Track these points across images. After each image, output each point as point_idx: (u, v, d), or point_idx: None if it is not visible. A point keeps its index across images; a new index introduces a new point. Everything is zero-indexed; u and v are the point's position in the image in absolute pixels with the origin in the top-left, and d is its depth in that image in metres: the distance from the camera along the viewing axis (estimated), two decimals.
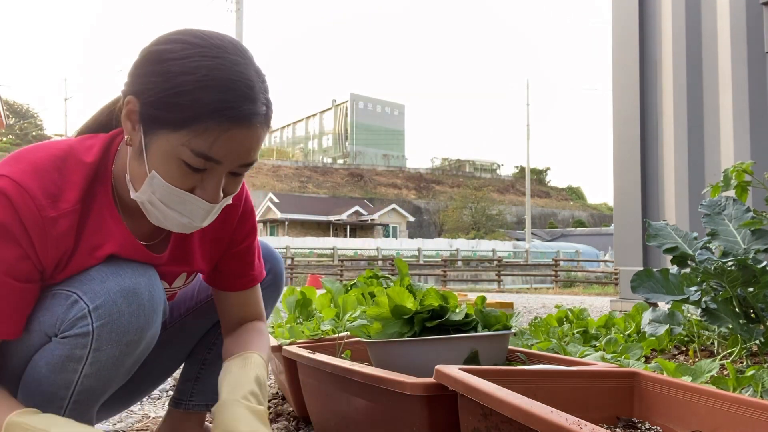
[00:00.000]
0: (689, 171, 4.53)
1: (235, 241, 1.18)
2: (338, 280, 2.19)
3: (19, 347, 0.98)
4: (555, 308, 3.41)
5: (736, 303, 2.13)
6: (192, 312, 1.35)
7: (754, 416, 0.91)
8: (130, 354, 0.99)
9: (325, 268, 22.19)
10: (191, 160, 0.89)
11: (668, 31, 4.74)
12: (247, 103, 0.89)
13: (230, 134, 0.88)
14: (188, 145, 0.88)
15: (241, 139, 0.90)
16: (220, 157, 0.90)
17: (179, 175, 0.91)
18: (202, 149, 0.89)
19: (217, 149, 0.89)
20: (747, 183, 2.43)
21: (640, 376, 1.14)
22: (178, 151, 0.89)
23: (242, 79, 0.89)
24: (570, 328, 2.81)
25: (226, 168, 0.93)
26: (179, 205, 0.94)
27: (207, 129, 0.87)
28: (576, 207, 67.60)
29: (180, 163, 0.90)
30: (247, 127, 0.90)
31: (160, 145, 0.90)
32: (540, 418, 0.76)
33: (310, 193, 51.50)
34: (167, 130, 0.89)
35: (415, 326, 1.46)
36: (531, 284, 21.79)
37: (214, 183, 0.93)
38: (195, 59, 0.87)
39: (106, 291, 0.95)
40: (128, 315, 0.96)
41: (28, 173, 0.92)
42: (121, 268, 0.99)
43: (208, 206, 0.95)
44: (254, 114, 0.90)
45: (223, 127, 0.88)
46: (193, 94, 0.86)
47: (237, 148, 0.90)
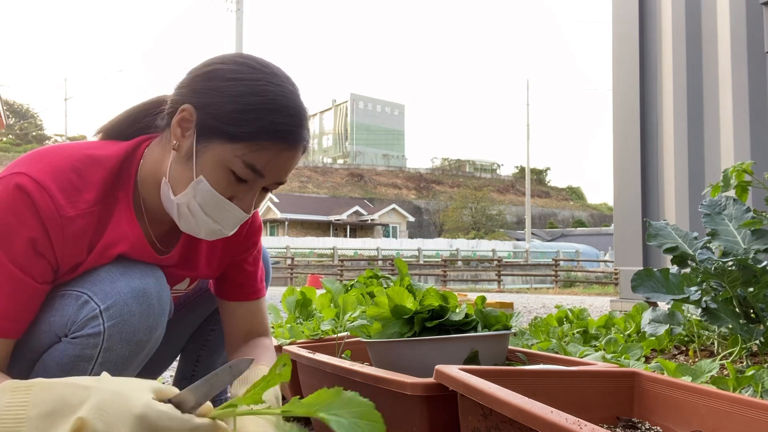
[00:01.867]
0: (689, 171, 4.53)
1: (242, 252, 1.22)
2: (338, 280, 2.19)
3: (28, 347, 0.98)
4: (555, 308, 3.41)
5: (736, 303, 2.13)
6: (183, 306, 1.36)
7: (754, 416, 0.91)
8: (138, 354, 1.01)
9: (325, 268, 22.19)
10: (241, 171, 0.97)
11: (668, 31, 4.74)
12: (300, 129, 0.99)
13: (282, 154, 0.98)
14: (242, 157, 0.96)
15: (287, 160, 1.00)
16: (265, 172, 0.99)
17: (225, 183, 0.98)
18: (254, 163, 0.97)
19: (265, 165, 0.98)
20: (747, 183, 2.43)
21: (640, 376, 1.14)
22: (230, 162, 0.96)
23: (298, 107, 1.00)
24: (570, 328, 2.81)
25: (265, 183, 1.01)
26: (216, 212, 1.00)
27: (264, 146, 0.96)
28: (576, 207, 67.62)
29: (228, 173, 0.97)
30: (295, 150, 1.00)
31: (213, 154, 0.97)
32: (540, 418, 0.76)
33: (310, 193, 51.50)
34: (224, 141, 0.96)
35: (415, 326, 1.46)
36: (531, 284, 21.79)
37: (252, 195, 1.02)
38: (262, 83, 0.96)
39: (117, 292, 0.97)
40: (138, 315, 0.98)
41: (47, 172, 0.93)
42: (130, 269, 1.01)
43: (241, 215, 1.02)
44: (303, 140, 1.01)
45: (277, 147, 0.97)
46: (258, 113, 0.95)
47: (281, 166, 1.00)
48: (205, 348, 1.41)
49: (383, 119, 73.10)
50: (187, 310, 1.38)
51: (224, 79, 0.96)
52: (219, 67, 0.98)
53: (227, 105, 0.95)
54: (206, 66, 1.00)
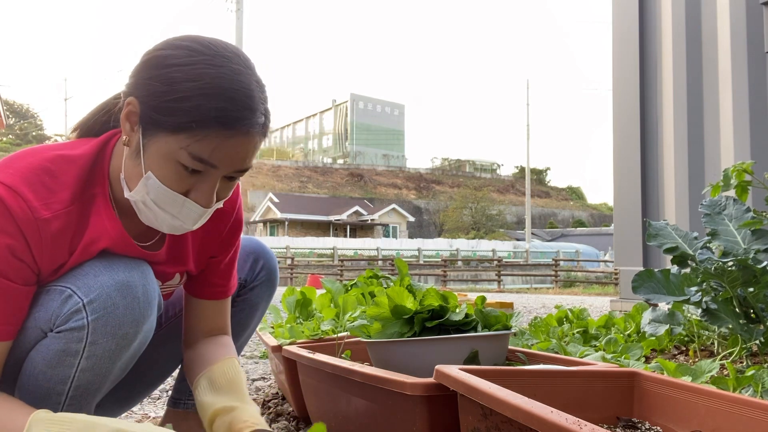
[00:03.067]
0: (689, 171, 4.53)
1: (221, 250, 1.20)
2: (338, 280, 2.19)
3: (16, 344, 0.98)
4: (555, 308, 3.41)
5: (736, 303, 2.13)
6: None
7: (754, 416, 0.91)
8: (126, 347, 1.00)
9: (325, 268, 22.19)
10: (188, 163, 0.92)
11: (668, 31, 4.74)
12: (246, 112, 0.92)
13: (228, 141, 0.91)
14: (187, 148, 0.91)
15: (238, 147, 0.93)
16: (216, 162, 0.93)
17: (175, 177, 0.94)
18: (200, 154, 0.91)
19: (214, 155, 0.92)
20: (747, 183, 2.43)
21: (640, 376, 1.14)
22: (176, 154, 0.91)
23: (243, 88, 0.92)
24: (570, 328, 2.81)
25: (221, 173, 0.95)
26: (172, 207, 0.96)
27: (206, 135, 0.90)
28: (576, 207, 67.62)
29: (177, 166, 0.93)
30: (245, 135, 0.92)
31: (158, 147, 0.92)
32: (540, 418, 0.76)
33: (310, 193, 51.50)
34: (166, 133, 0.91)
35: (415, 326, 1.46)
36: (531, 284, 21.78)
37: (209, 187, 0.96)
38: (199, 67, 0.90)
39: (100, 285, 0.96)
40: (123, 308, 0.97)
41: (17, 176, 0.92)
42: (114, 262, 1.00)
43: (200, 210, 0.97)
44: (253, 123, 0.93)
45: (222, 135, 0.90)
46: (196, 100, 0.89)
47: (234, 154, 0.93)
48: None
49: (383, 119, 73.10)
50: None
51: (162, 66, 0.91)
52: (159, 54, 0.93)
53: (165, 95, 0.90)
54: (148, 54, 0.95)
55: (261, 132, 0.95)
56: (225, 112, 0.90)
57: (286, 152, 74.25)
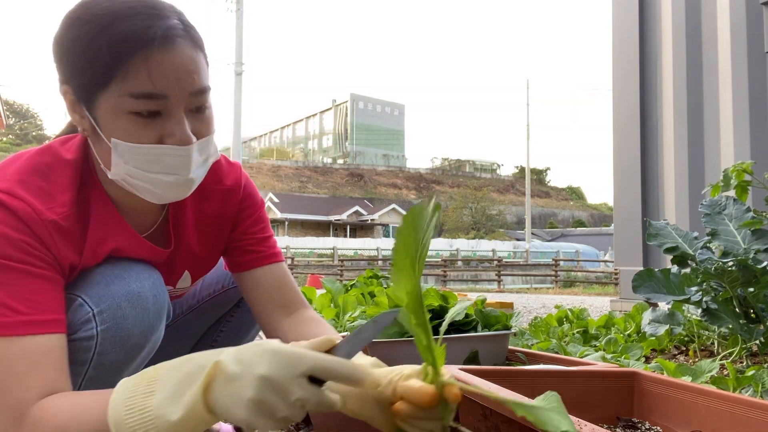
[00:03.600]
0: (689, 171, 4.53)
1: (239, 222, 1.15)
2: (338, 280, 2.19)
3: None
4: (555, 308, 3.41)
5: (736, 303, 2.13)
6: (194, 309, 1.35)
7: (754, 416, 0.91)
8: (133, 358, 0.99)
9: (325, 268, 22.19)
10: (137, 106, 0.85)
11: (668, 31, 4.74)
12: (155, 21, 0.85)
13: (155, 60, 0.84)
14: (125, 92, 0.85)
15: (170, 61, 0.86)
16: (161, 88, 0.85)
17: (136, 128, 0.87)
18: (138, 89, 0.84)
19: (152, 81, 0.85)
20: (747, 183, 2.43)
21: (640, 376, 1.14)
22: (122, 105, 0.86)
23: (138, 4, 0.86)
24: (570, 328, 2.81)
25: (177, 102, 0.88)
26: (156, 164, 0.90)
27: (130, 67, 0.84)
28: (576, 207, 67.65)
29: (130, 116, 0.86)
30: (169, 46, 0.85)
31: (104, 111, 0.87)
32: None
33: (310, 193, 51.52)
34: (100, 92, 0.86)
35: None
36: (531, 284, 21.78)
37: (176, 123, 0.89)
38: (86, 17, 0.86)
39: (111, 295, 0.94)
40: (132, 319, 0.96)
41: (15, 183, 0.89)
42: (126, 271, 0.98)
43: (184, 151, 0.90)
44: (168, 29, 0.86)
45: (143, 56, 0.84)
46: (99, 41, 0.84)
47: (172, 72, 0.86)
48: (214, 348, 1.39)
49: (383, 119, 73.13)
50: (197, 313, 1.36)
51: (63, 44, 0.88)
52: (56, 38, 0.90)
53: (78, 60, 0.86)
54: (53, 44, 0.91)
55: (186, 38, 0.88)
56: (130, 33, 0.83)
57: (286, 152, 74.29)
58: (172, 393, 0.69)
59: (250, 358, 0.68)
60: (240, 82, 16.92)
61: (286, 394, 0.66)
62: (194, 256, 1.14)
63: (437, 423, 0.73)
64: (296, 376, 0.67)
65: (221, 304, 1.36)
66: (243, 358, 0.68)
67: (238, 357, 0.68)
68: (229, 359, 0.68)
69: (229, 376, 0.67)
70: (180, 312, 1.35)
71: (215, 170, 1.11)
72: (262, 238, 1.17)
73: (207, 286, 1.35)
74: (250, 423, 0.67)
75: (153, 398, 0.70)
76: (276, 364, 0.67)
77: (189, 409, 0.68)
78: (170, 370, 0.71)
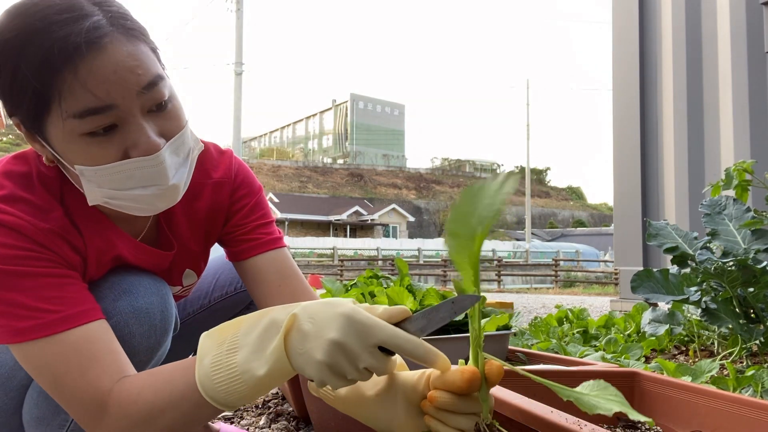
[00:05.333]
0: (689, 171, 4.53)
1: (232, 214, 1.09)
2: (338, 280, 2.19)
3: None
4: (555, 308, 3.41)
5: (736, 303, 2.13)
6: (205, 309, 1.35)
7: (754, 416, 0.91)
8: None
9: (325, 268, 22.18)
10: (86, 126, 0.77)
11: (668, 31, 4.74)
12: (72, 26, 0.75)
13: (85, 69, 0.75)
14: (68, 115, 0.77)
15: (104, 65, 0.76)
16: (103, 98, 0.76)
17: (95, 149, 0.79)
18: (79, 108, 0.76)
19: (91, 95, 0.76)
20: (748, 182, 2.43)
21: (640, 376, 1.14)
22: (70, 129, 0.78)
23: (51, 13, 0.75)
24: (570, 328, 2.81)
25: (129, 107, 0.79)
26: (130, 180, 0.82)
27: (61, 86, 0.75)
28: (576, 207, 67.65)
29: (84, 138, 0.79)
30: (97, 49, 0.75)
31: (57, 138, 0.80)
32: (540, 418, 0.76)
33: (310, 193, 51.52)
34: (46, 120, 0.78)
35: None
36: (531, 284, 21.77)
37: (137, 131, 0.80)
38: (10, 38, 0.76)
39: (118, 311, 0.92)
40: (139, 336, 0.93)
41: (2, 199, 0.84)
42: (134, 286, 0.95)
43: (153, 160, 0.81)
44: (91, 30, 0.75)
45: (70, 70, 0.74)
46: (21, 69, 0.75)
47: (110, 76, 0.76)
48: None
49: (383, 119, 73.12)
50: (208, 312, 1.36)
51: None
52: None
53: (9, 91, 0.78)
54: None
55: (115, 31, 0.78)
56: (48, 44, 0.74)
57: (286, 152, 74.29)
58: (254, 348, 0.71)
59: (323, 319, 0.69)
60: (240, 82, 16.92)
61: (356, 360, 0.68)
62: (192, 253, 1.11)
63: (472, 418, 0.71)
64: (368, 346, 0.68)
65: (232, 306, 1.35)
66: (317, 319, 0.69)
67: (313, 316, 0.70)
68: (305, 316, 0.70)
69: (304, 333, 0.69)
70: (192, 311, 1.34)
71: (203, 163, 1.04)
72: (259, 225, 1.10)
73: (220, 287, 1.34)
74: (320, 380, 0.69)
75: (237, 355, 0.72)
76: (349, 331, 0.68)
77: (274, 363, 0.70)
78: (248, 326, 0.73)
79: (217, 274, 1.34)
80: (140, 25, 0.83)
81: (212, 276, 1.34)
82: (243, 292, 1.33)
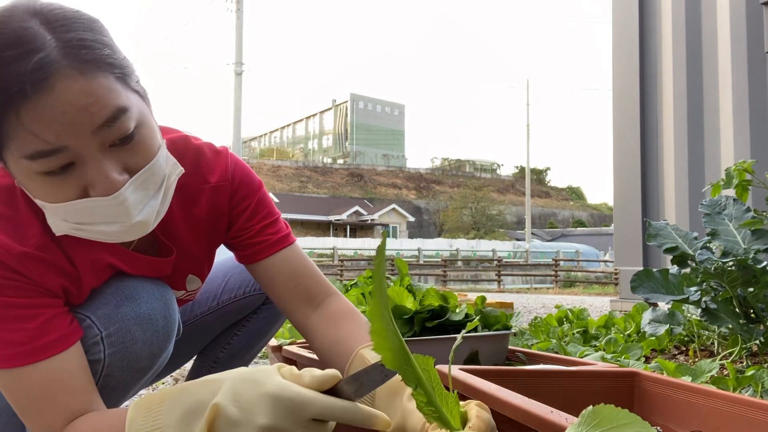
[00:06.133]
0: (689, 171, 4.53)
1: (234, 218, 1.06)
2: (338, 280, 2.19)
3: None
4: (555, 308, 3.41)
5: (736, 303, 2.13)
6: (213, 312, 1.34)
7: (754, 416, 0.91)
8: (140, 378, 0.97)
9: (325, 268, 22.19)
10: (39, 167, 0.73)
11: (668, 31, 4.74)
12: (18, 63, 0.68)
13: (30, 112, 0.69)
14: (19, 155, 0.72)
15: (52, 106, 0.70)
16: (53, 141, 0.71)
17: (53, 188, 0.75)
18: (28, 150, 0.71)
19: (39, 139, 0.70)
20: (748, 182, 2.43)
21: (640, 376, 1.14)
22: (25, 168, 0.74)
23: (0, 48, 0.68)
24: (570, 328, 2.81)
25: (84, 146, 0.73)
26: (93, 216, 0.79)
27: (8, 130, 0.71)
28: (576, 207, 67.66)
29: (41, 176, 0.74)
30: (44, 88, 0.69)
31: (16, 173, 0.77)
32: (540, 418, 0.76)
33: (310, 193, 51.53)
34: (4, 154, 0.75)
35: (415, 326, 1.46)
36: (531, 284, 21.78)
37: (94, 169, 0.75)
38: None
39: (121, 317, 0.91)
40: (141, 343, 0.93)
41: None
42: (137, 291, 0.94)
43: (112, 200, 0.77)
44: (38, 68, 0.68)
45: (14, 113, 0.69)
46: None
47: (59, 118, 0.70)
48: (226, 350, 1.37)
49: (383, 119, 73.14)
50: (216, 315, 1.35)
51: None
52: None
53: None
54: None
55: (68, 65, 0.70)
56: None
57: (286, 152, 74.29)
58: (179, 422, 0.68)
59: (249, 403, 0.66)
60: (240, 82, 16.92)
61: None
62: (194, 258, 1.09)
63: None
64: (301, 422, 0.66)
65: (240, 309, 1.35)
66: (242, 403, 0.66)
67: (237, 399, 0.66)
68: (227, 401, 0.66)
69: (231, 420, 0.65)
70: (200, 312, 1.34)
71: (199, 166, 1.01)
72: (264, 226, 1.06)
73: (229, 290, 1.33)
74: None
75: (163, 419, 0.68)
76: (279, 414, 0.65)
77: None
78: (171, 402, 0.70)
79: (227, 277, 1.33)
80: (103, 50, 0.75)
81: (222, 278, 1.34)
82: (252, 296, 1.32)
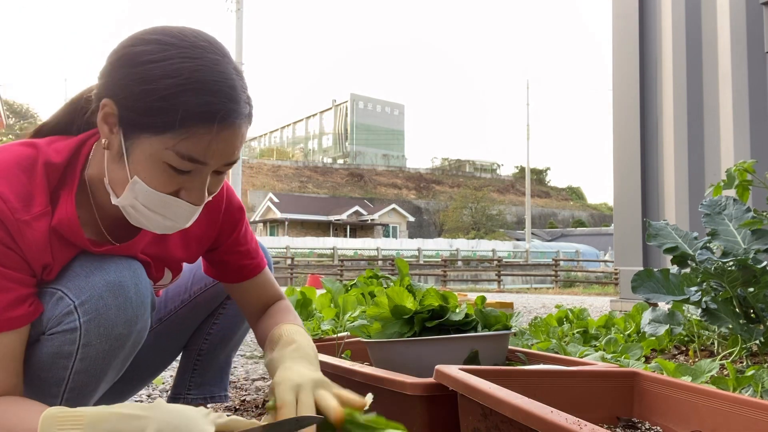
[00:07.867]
0: (689, 171, 4.53)
1: (222, 238, 1.17)
2: (338, 280, 2.19)
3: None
4: (555, 308, 3.41)
5: (736, 303, 2.13)
6: (186, 304, 1.36)
7: (754, 416, 0.91)
8: (120, 348, 0.99)
9: (325, 268, 22.19)
10: (177, 164, 0.88)
11: (668, 31, 4.74)
12: (231, 104, 0.88)
13: (216, 136, 0.87)
14: (174, 148, 0.87)
15: (226, 140, 0.89)
16: (206, 159, 0.89)
17: (164, 179, 0.90)
18: (188, 152, 0.87)
19: (203, 151, 0.88)
20: (749, 182, 2.43)
21: (640, 376, 1.14)
22: (163, 155, 0.87)
23: (224, 79, 0.88)
24: (570, 328, 2.81)
25: (211, 169, 0.92)
26: (162, 209, 0.93)
27: (193, 133, 0.86)
28: (576, 207, 67.63)
29: (165, 167, 0.89)
30: (231, 128, 0.89)
31: (143, 150, 0.88)
32: (540, 418, 0.76)
33: (310, 193, 51.53)
34: (150, 134, 0.87)
35: (415, 326, 1.46)
36: (531, 284, 21.78)
37: (199, 184, 0.93)
38: (175, 61, 0.86)
39: (91, 286, 0.95)
40: (115, 308, 0.96)
41: None
42: (105, 262, 0.99)
43: (192, 208, 0.94)
44: (238, 114, 0.89)
45: (209, 130, 0.86)
46: (177, 98, 0.85)
47: (222, 148, 0.89)
48: (207, 341, 1.40)
49: (383, 119, 73.11)
50: (190, 307, 1.37)
51: (136, 64, 0.86)
52: (130, 51, 0.88)
53: (144, 95, 0.85)
54: (119, 51, 0.90)
55: (247, 122, 0.92)
56: (210, 107, 0.86)
57: (286, 152, 74.27)
58: None
59: None
60: None
61: None
62: (177, 261, 1.16)
63: None
64: None
65: (213, 297, 1.37)
66: None
67: None
68: None
69: None
70: (174, 307, 1.36)
71: None
72: (247, 250, 1.20)
73: (198, 281, 1.36)
74: None
75: None
76: None
77: None
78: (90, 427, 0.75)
79: (194, 269, 1.37)
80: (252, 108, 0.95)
81: (189, 271, 1.37)
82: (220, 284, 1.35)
